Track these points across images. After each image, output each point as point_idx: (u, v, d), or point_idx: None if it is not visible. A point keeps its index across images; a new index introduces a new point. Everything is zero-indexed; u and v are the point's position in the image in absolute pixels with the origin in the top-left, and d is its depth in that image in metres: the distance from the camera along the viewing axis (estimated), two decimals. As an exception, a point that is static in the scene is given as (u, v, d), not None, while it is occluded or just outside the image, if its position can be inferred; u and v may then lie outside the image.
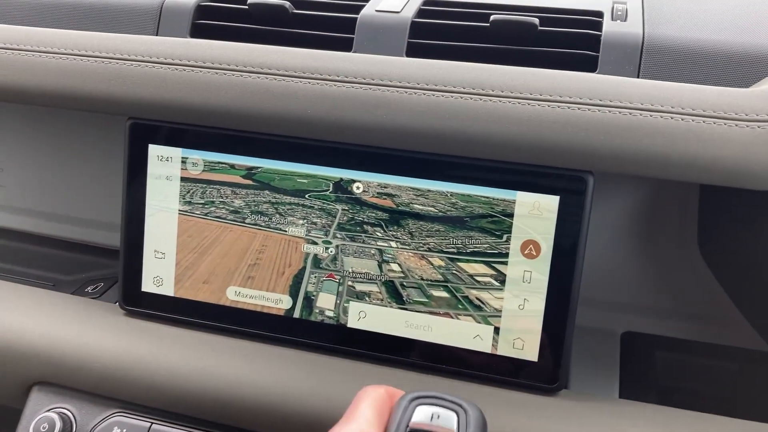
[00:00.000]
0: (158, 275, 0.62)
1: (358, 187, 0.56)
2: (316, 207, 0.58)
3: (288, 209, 0.58)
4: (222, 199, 0.59)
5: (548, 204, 0.53)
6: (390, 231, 0.56)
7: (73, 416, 0.59)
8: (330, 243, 0.58)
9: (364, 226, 0.57)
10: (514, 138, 0.51)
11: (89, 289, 0.74)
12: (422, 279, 0.56)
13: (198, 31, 0.68)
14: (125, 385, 0.58)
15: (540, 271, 0.54)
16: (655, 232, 0.66)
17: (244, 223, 0.59)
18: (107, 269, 0.78)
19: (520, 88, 0.51)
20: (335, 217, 0.57)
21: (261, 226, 0.59)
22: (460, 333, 0.56)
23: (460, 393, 0.54)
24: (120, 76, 0.58)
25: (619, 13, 0.63)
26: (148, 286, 0.62)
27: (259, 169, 0.58)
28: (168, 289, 0.62)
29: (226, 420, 0.57)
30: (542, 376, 0.55)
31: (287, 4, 0.65)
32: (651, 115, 0.49)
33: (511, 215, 0.54)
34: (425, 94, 0.53)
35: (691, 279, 0.66)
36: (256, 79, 0.55)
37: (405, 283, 0.57)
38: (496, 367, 0.56)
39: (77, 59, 0.59)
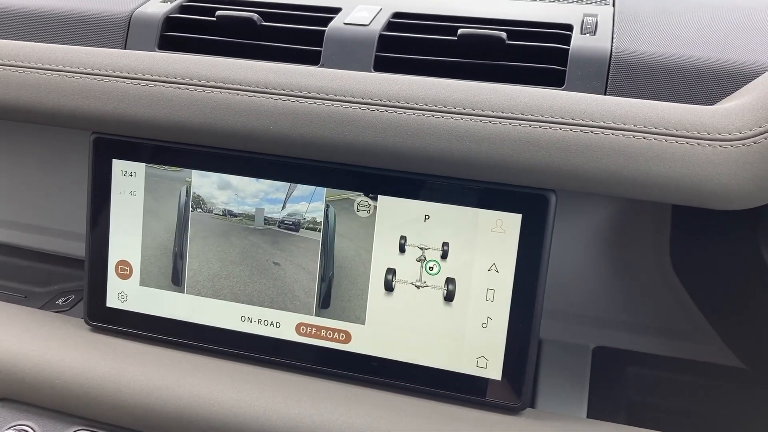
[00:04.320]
0: (123, 291, 0.61)
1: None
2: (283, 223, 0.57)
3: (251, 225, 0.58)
4: (186, 214, 0.59)
5: (511, 222, 0.53)
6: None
7: (35, 433, 0.59)
8: (298, 260, 0.57)
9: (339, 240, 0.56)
10: (476, 156, 0.50)
11: (60, 301, 0.74)
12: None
13: (166, 43, 0.68)
14: (88, 403, 0.58)
15: (503, 289, 0.54)
16: (629, 247, 0.66)
17: (208, 237, 0.59)
18: (79, 281, 0.77)
19: (481, 105, 0.51)
20: (318, 241, 0.57)
21: (224, 238, 0.58)
22: (423, 351, 0.56)
23: (421, 411, 0.54)
24: (83, 91, 0.57)
25: (589, 26, 0.62)
26: (112, 301, 0.62)
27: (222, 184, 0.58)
28: (132, 305, 0.61)
29: (189, 438, 0.57)
30: (506, 395, 0.55)
31: (255, 16, 0.65)
32: (612, 134, 0.48)
33: (473, 233, 0.54)
34: (387, 110, 0.52)
35: (664, 294, 0.66)
36: (218, 94, 0.55)
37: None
38: (458, 386, 0.55)
39: (41, 73, 0.59)
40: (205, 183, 0.58)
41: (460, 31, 0.60)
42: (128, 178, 0.60)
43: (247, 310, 0.59)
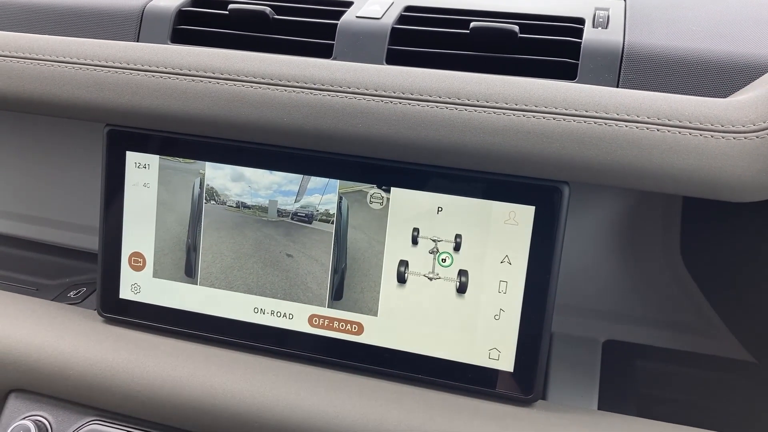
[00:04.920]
0: (136, 282, 0.62)
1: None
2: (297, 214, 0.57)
3: (264, 218, 0.58)
4: (199, 205, 0.59)
5: (524, 214, 0.53)
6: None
7: (49, 424, 0.59)
8: (311, 252, 0.58)
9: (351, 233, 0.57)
10: (490, 148, 0.51)
11: (71, 294, 0.74)
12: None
13: (179, 36, 0.68)
14: (101, 393, 0.58)
15: (516, 281, 0.54)
16: (639, 240, 0.66)
17: (221, 228, 0.59)
18: (90, 273, 0.78)
19: (495, 98, 0.51)
20: (331, 233, 0.57)
21: (237, 230, 0.59)
22: (435, 343, 0.56)
23: (433, 403, 0.54)
24: (97, 83, 0.58)
25: (601, 20, 0.62)
26: (125, 293, 0.62)
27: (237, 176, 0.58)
28: (145, 297, 0.62)
29: (202, 429, 0.57)
30: (518, 387, 0.55)
31: (268, 9, 0.65)
32: (626, 126, 0.49)
33: (486, 225, 0.54)
34: (401, 103, 0.52)
35: (674, 287, 0.66)
36: (232, 86, 0.55)
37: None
38: (470, 378, 0.56)
39: (55, 65, 0.59)
40: (218, 175, 0.58)
41: (472, 24, 0.60)
42: (142, 170, 0.60)
43: (260, 302, 0.59)
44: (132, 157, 0.60)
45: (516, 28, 0.59)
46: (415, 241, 0.56)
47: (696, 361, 0.66)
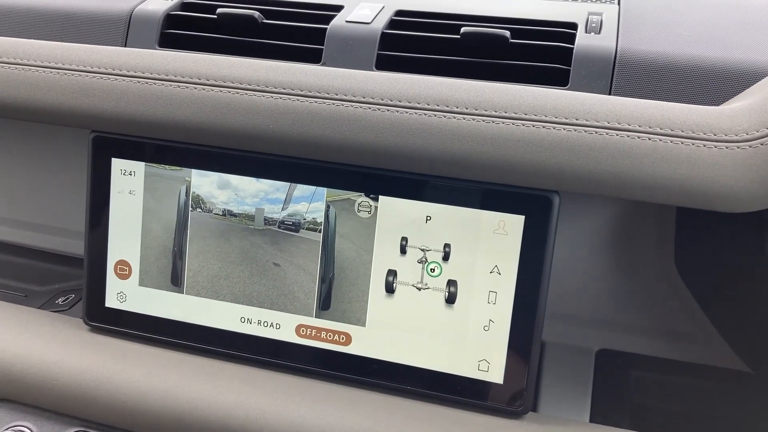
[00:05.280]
0: (122, 291, 0.61)
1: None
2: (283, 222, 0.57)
3: (250, 226, 0.57)
4: (185, 213, 0.58)
5: (513, 223, 0.52)
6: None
7: (34, 434, 0.59)
8: (299, 260, 0.57)
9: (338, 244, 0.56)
10: (478, 157, 0.50)
11: (60, 300, 0.74)
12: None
13: (167, 40, 0.67)
14: (86, 404, 0.57)
15: (505, 292, 0.53)
16: (633, 249, 0.65)
17: (207, 237, 0.58)
18: (80, 280, 0.77)
19: (484, 105, 0.50)
20: (319, 242, 0.56)
21: (224, 239, 0.58)
22: (423, 354, 0.55)
23: (422, 415, 0.54)
24: (82, 89, 0.57)
25: (594, 25, 0.61)
26: (111, 301, 0.61)
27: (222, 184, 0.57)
28: (131, 305, 0.61)
29: (188, 440, 0.56)
30: (507, 399, 0.54)
31: (256, 14, 0.64)
32: (617, 134, 0.48)
33: (475, 234, 0.53)
34: (389, 110, 0.51)
35: (668, 296, 0.65)
36: (218, 92, 0.54)
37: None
38: (459, 389, 0.55)
39: (40, 71, 0.58)
40: (204, 182, 0.58)
41: (463, 29, 0.59)
42: (127, 177, 0.59)
43: (247, 312, 0.58)
44: (118, 164, 0.59)
45: (507, 33, 0.59)
46: (403, 251, 0.55)
47: (690, 370, 0.65)
